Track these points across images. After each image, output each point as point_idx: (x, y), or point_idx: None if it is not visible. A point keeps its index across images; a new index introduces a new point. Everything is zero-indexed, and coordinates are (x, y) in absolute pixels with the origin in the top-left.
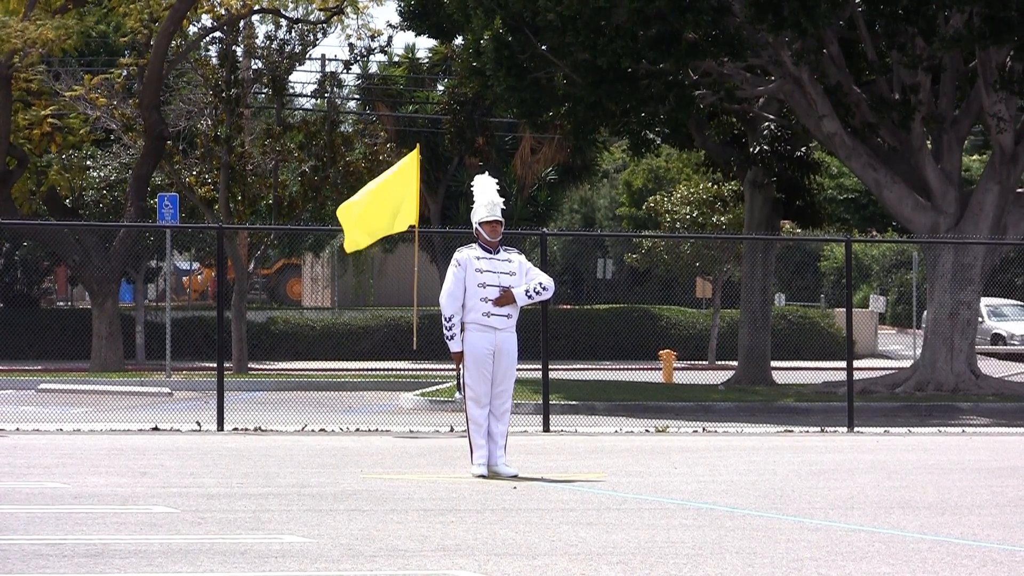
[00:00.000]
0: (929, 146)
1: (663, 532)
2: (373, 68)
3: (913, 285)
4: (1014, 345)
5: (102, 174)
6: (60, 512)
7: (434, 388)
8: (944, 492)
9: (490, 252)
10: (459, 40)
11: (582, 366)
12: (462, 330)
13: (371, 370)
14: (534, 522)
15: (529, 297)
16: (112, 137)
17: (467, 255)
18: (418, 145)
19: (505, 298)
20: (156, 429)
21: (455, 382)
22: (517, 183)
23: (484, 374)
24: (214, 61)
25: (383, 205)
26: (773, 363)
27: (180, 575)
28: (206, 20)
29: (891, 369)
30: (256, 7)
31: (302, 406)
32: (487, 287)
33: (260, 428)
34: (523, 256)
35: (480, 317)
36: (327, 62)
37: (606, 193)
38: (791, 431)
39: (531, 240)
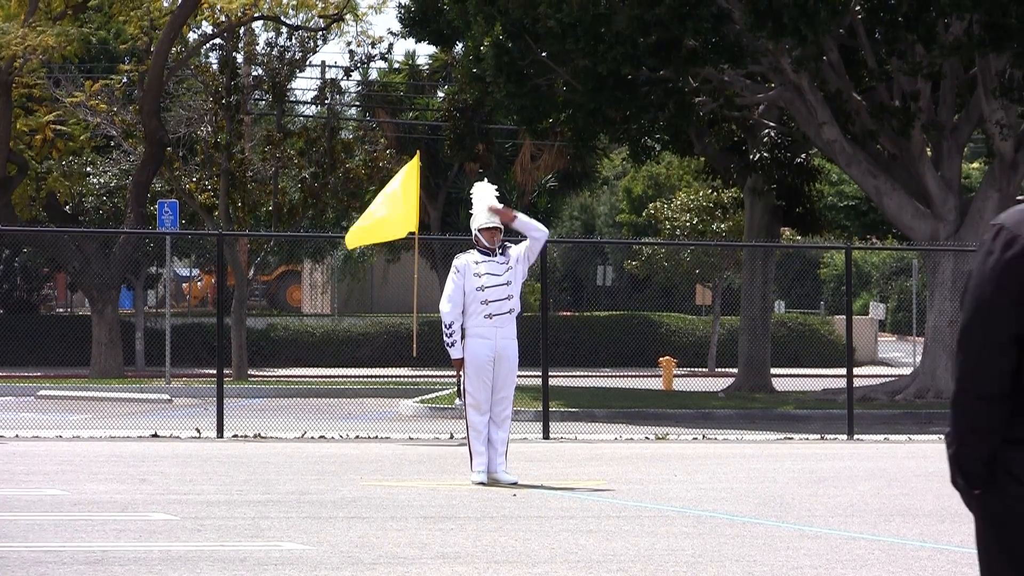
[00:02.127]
0: (929, 153)
1: (663, 540)
2: (373, 75)
3: (913, 292)
4: None
5: (102, 180)
6: (59, 519)
7: (434, 395)
8: (944, 500)
9: (489, 255)
10: (459, 47)
11: (582, 373)
12: (463, 337)
13: (371, 377)
14: (534, 529)
15: (525, 223)
16: (112, 143)
17: (465, 260)
18: (418, 152)
19: (505, 213)
20: (156, 436)
21: (455, 388)
22: (517, 190)
23: (484, 381)
24: (214, 68)
25: (387, 212)
26: (773, 370)
27: None
28: (206, 27)
29: (891, 376)
30: (257, 14)
31: (302, 413)
32: (486, 289)
33: (260, 435)
34: (517, 246)
35: (481, 320)
36: (327, 69)
37: (606, 200)
38: (791, 438)
39: None
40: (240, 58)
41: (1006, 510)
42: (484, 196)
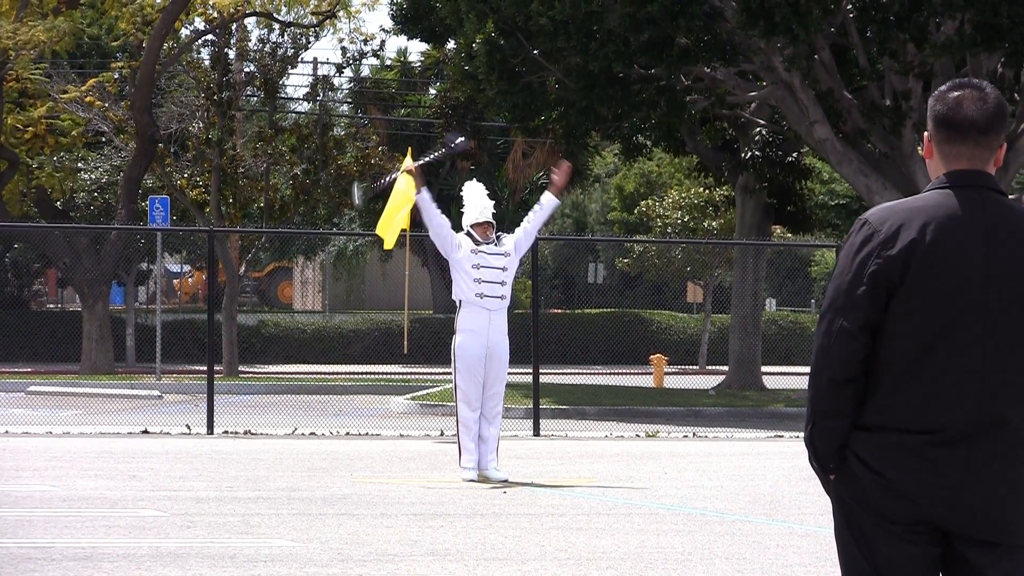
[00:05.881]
0: (920, 152)
1: (653, 537)
2: (365, 72)
3: None
4: None
5: (93, 176)
6: (49, 515)
7: (424, 392)
8: None
9: (483, 242)
10: (451, 44)
11: (573, 370)
12: (455, 333)
13: (361, 374)
14: (524, 527)
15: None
16: (104, 139)
17: (464, 239)
18: (410, 148)
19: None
20: (146, 432)
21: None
22: (509, 187)
23: (476, 377)
24: (206, 64)
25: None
26: (764, 368)
27: None
28: (198, 23)
29: None
30: (249, 10)
31: (292, 409)
32: (481, 268)
33: (250, 431)
34: (508, 235)
35: (473, 298)
36: (319, 66)
37: (598, 197)
38: (781, 436)
39: None
40: (232, 54)
41: (857, 496)
42: (474, 194)
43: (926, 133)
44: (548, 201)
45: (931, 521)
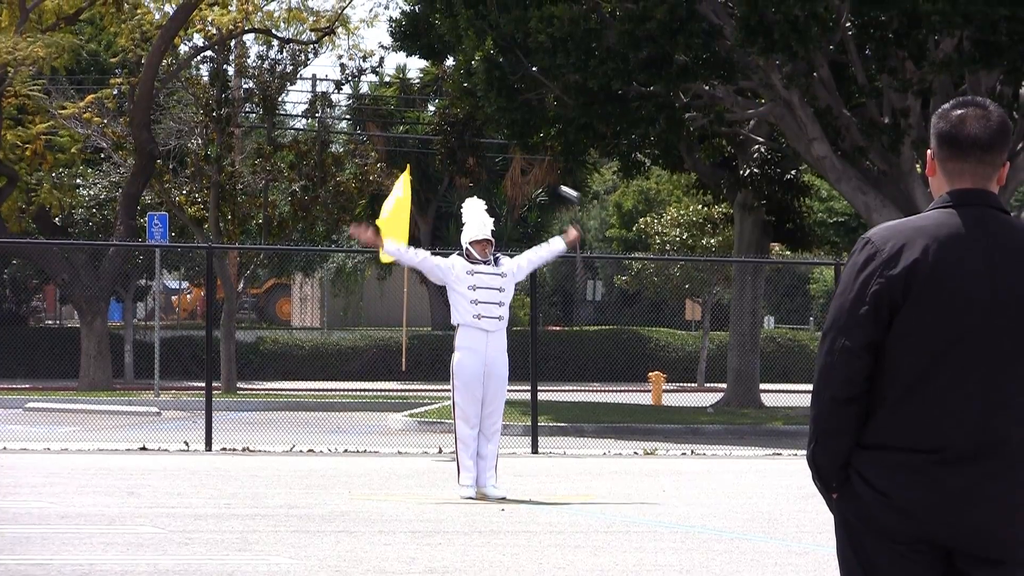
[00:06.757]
0: (919, 170)
1: (650, 555)
2: (364, 88)
3: None
4: None
5: (92, 192)
6: (47, 532)
7: (422, 409)
8: None
9: (481, 262)
10: (450, 61)
11: (571, 388)
12: (454, 351)
13: (360, 391)
14: (522, 544)
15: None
16: (102, 155)
17: (454, 261)
18: (408, 165)
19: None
20: (144, 449)
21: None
22: (507, 204)
23: (474, 395)
24: (205, 80)
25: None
26: (762, 385)
27: None
28: (197, 39)
29: None
30: (248, 27)
31: (291, 426)
32: (477, 289)
33: (248, 448)
34: (507, 258)
35: (471, 320)
36: (318, 82)
37: (596, 215)
38: (780, 454)
39: None
40: (231, 71)
41: (859, 515)
42: (474, 211)
43: (929, 151)
44: (557, 245)
45: (934, 539)
